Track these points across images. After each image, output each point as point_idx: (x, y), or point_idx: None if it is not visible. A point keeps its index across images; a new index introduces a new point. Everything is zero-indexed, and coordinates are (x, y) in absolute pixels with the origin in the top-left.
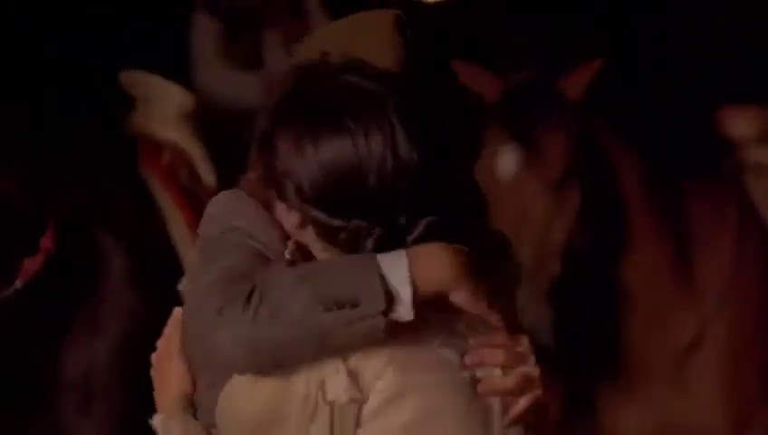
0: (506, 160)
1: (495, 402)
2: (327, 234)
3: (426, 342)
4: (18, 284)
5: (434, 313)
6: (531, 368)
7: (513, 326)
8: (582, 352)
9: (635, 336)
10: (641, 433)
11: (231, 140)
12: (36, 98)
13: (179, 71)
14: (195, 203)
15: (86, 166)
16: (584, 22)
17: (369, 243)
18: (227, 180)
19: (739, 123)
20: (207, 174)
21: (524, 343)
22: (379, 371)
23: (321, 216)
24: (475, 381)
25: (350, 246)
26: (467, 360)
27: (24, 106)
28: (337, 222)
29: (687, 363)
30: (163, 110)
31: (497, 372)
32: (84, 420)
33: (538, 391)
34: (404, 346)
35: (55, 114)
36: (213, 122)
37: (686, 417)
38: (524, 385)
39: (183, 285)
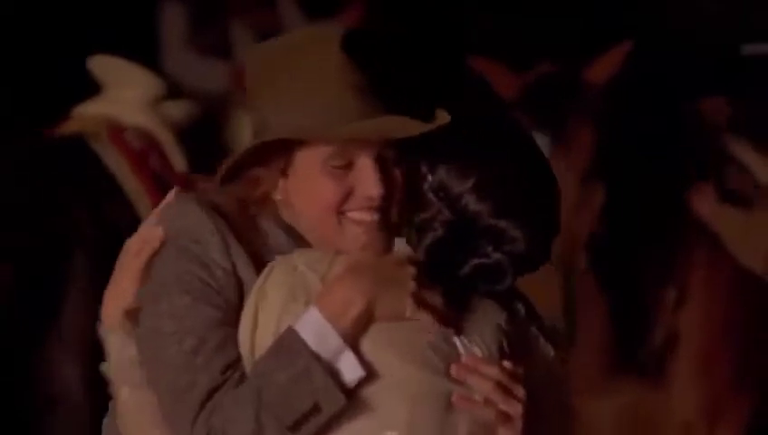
0: None
1: (463, 422)
2: (412, 204)
3: (414, 336)
4: None
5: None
6: (513, 409)
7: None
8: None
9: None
10: (616, 426)
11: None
12: None
13: (148, 56)
14: (166, 189)
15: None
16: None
17: (440, 230)
18: (197, 166)
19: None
20: (178, 159)
21: (520, 391)
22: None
23: (430, 193)
24: (450, 394)
25: (422, 229)
26: (453, 370)
27: None
28: (434, 202)
29: (663, 358)
30: (132, 95)
31: (477, 396)
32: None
33: (511, 433)
34: (389, 331)
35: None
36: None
37: (661, 410)
38: (499, 421)
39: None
